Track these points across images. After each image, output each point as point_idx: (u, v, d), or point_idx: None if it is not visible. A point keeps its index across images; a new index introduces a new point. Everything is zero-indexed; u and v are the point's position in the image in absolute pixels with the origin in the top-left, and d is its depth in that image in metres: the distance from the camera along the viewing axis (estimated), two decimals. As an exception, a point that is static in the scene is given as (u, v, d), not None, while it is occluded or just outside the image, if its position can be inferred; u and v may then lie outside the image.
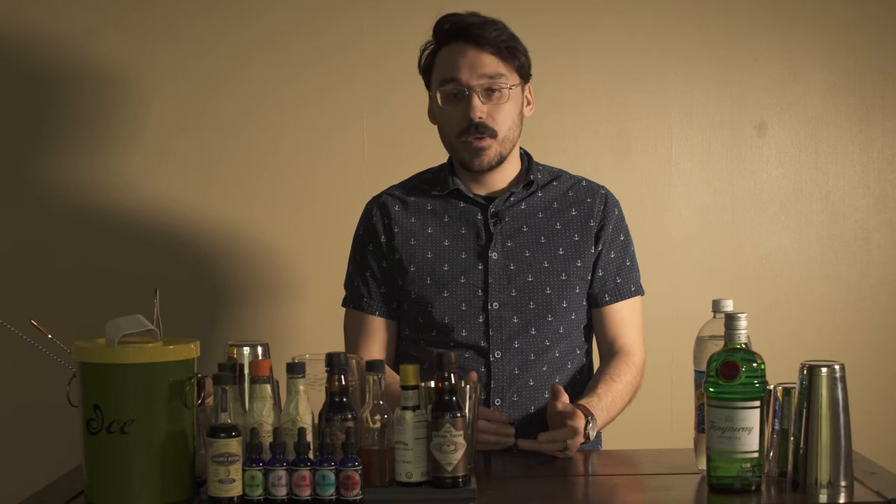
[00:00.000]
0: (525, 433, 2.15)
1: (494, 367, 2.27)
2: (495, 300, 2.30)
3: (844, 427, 1.80)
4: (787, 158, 3.05)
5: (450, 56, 2.29)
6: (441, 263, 2.32)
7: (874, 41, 3.04)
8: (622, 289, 2.38)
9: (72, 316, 2.79)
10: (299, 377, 1.80)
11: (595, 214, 2.37)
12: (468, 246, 2.33)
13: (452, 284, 2.31)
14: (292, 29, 2.97)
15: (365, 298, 2.37)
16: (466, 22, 2.29)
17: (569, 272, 2.33)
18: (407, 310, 2.35)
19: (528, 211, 2.36)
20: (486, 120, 2.27)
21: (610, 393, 2.23)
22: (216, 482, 1.73)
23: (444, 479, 1.76)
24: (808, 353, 2.11)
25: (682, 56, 3.02)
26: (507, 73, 2.29)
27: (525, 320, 2.30)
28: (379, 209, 2.39)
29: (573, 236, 2.35)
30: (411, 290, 2.33)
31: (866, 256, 3.07)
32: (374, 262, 2.37)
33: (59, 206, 2.95)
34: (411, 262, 2.33)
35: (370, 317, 2.37)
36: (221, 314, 2.99)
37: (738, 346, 1.80)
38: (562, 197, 2.39)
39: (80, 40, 2.93)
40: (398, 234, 2.35)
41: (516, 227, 2.34)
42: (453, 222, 2.35)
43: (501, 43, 2.28)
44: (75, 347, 1.77)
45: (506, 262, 2.31)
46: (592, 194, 2.40)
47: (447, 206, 2.37)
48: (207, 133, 2.96)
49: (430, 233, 2.35)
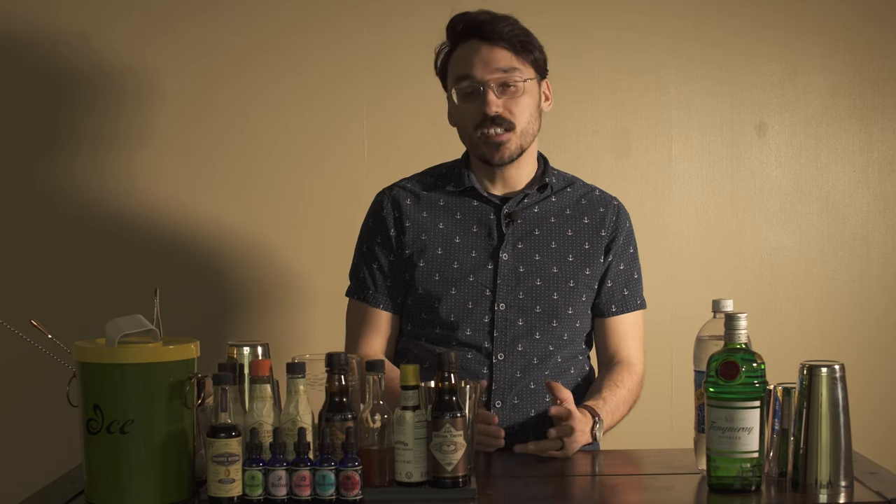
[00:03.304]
0: (524, 436, 2.15)
1: (497, 368, 2.26)
2: (502, 301, 2.29)
3: (844, 427, 1.80)
4: (787, 158, 3.05)
5: (463, 54, 2.29)
6: (451, 260, 2.31)
7: (874, 41, 3.03)
8: (629, 301, 2.37)
9: (72, 316, 2.79)
10: (299, 377, 1.80)
11: (607, 225, 2.36)
12: (479, 244, 2.32)
13: (461, 282, 2.29)
14: (292, 29, 2.96)
15: (370, 290, 2.35)
16: (478, 20, 2.28)
17: (577, 279, 2.32)
18: (412, 305, 2.33)
19: (541, 215, 2.35)
20: (504, 113, 2.26)
21: (614, 397, 2.23)
22: (216, 482, 1.73)
23: (444, 479, 1.76)
24: (808, 353, 2.12)
25: (682, 56, 3.02)
26: (522, 67, 2.28)
27: (530, 324, 2.29)
28: (390, 202, 2.37)
29: (584, 244, 2.34)
30: (419, 286, 2.31)
31: (866, 256, 3.06)
32: (381, 254, 2.35)
33: (59, 207, 2.94)
34: (421, 256, 2.32)
35: (374, 309, 2.35)
36: (221, 314, 2.99)
37: (738, 346, 1.80)
38: (575, 204, 2.38)
39: (80, 41, 2.92)
40: (409, 229, 2.34)
41: (528, 230, 2.33)
42: (466, 220, 2.34)
43: (515, 37, 2.27)
44: (75, 347, 1.77)
45: (515, 264, 2.30)
46: (605, 205, 2.39)
47: (460, 203, 2.35)
48: (208, 133, 2.96)
49: (441, 228, 2.34)
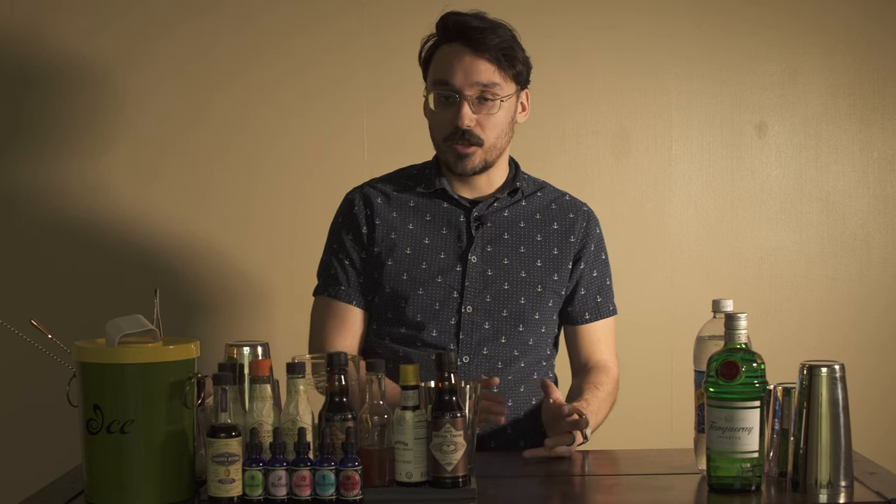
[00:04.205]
0: (487, 441, 2.18)
1: (462, 372, 2.24)
2: (469, 304, 2.28)
3: (844, 427, 1.80)
4: (787, 158, 3.05)
5: (447, 57, 2.26)
6: (419, 261, 2.30)
7: (874, 41, 3.03)
8: (602, 308, 2.37)
9: (72, 316, 2.79)
10: (299, 377, 1.79)
11: (577, 231, 2.35)
12: (448, 246, 2.31)
13: (429, 283, 2.28)
14: (292, 29, 2.96)
15: (343, 287, 2.33)
16: (469, 24, 2.24)
17: (545, 285, 2.31)
18: (378, 304, 2.32)
19: (511, 219, 2.34)
20: (475, 128, 2.24)
21: (596, 399, 2.23)
22: (216, 482, 1.73)
23: (444, 479, 1.76)
24: (808, 353, 2.11)
25: (682, 56, 3.02)
26: (503, 83, 2.25)
27: (496, 328, 2.28)
28: (362, 199, 2.36)
29: (552, 250, 2.33)
30: (386, 285, 2.30)
31: (866, 256, 3.06)
32: (353, 251, 2.33)
33: (60, 206, 2.94)
34: (389, 255, 2.31)
35: (346, 306, 2.33)
36: (221, 314, 2.99)
37: (738, 346, 1.80)
38: (545, 209, 2.37)
39: (77, 40, 2.92)
40: (379, 227, 2.32)
41: (497, 234, 2.32)
42: (435, 221, 2.33)
43: (501, 51, 2.23)
44: (75, 347, 1.77)
45: (484, 268, 2.29)
46: (575, 210, 2.38)
47: (431, 205, 2.34)
48: (208, 133, 2.96)
49: (411, 229, 2.32)
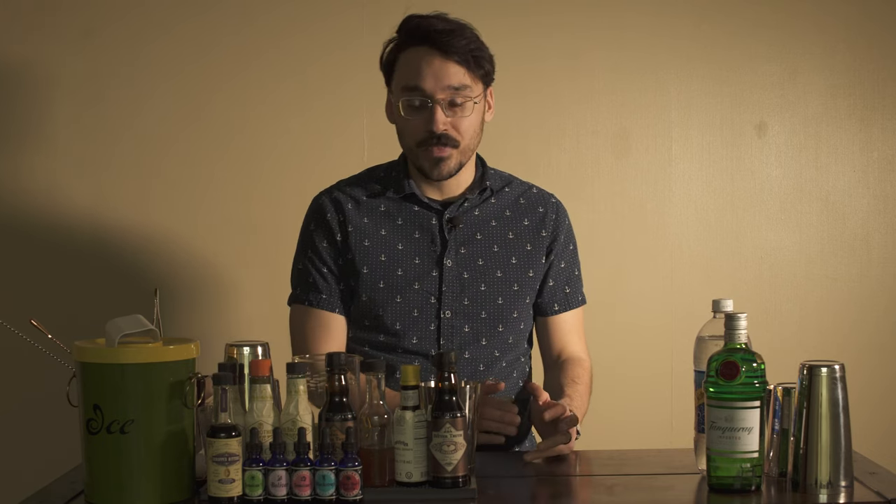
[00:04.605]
0: None
1: None
2: (448, 308, 2.26)
3: (844, 427, 1.80)
4: (787, 158, 3.05)
5: (414, 61, 2.21)
6: (395, 267, 2.27)
7: (874, 41, 3.03)
8: (571, 298, 2.37)
9: (72, 316, 2.79)
10: (299, 377, 1.79)
11: (547, 224, 2.34)
12: (422, 251, 2.28)
13: (406, 290, 2.26)
14: (292, 29, 2.96)
15: (324, 295, 2.29)
16: (434, 27, 2.20)
17: (521, 282, 2.30)
18: (354, 312, 2.30)
19: (482, 218, 2.32)
20: (449, 131, 2.21)
21: (577, 394, 2.22)
22: (216, 482, 1.73)
23: (444, 479, 1.76)
24: (808, 353, 2.11)
25: (682, 56, 3.02)
26: (472, 84, 2.22)
27: (476, 330, 2.27)
28: (332, 204, 2.32)
29: (525, 246, 2.32)
30: (363, 293, 2.27)
31: (866, 256, 3.07)
32: (329, 257, 2.29)
33: (59, 206, 2.95)
34: (364, 263, 2.27)
35: (328, 314, 2.29)
36: (221, 314, 2.99)
37: (738, 346, 1.80)
38: (513, 204, 2.35)
39: (79, 41, 2.93)
40: (352, 233, 2.29)
41: (470, 234, 2.30)
42: (407, 226, 2.30)
43: (469, 52, 2.20)
44: (75, 347, 1.77)
45: (460, 270, 2.27)
46: (544, 203, 2.37)
47: (401, 209, 2.30)
48: (208, 133, 2.96)
49: (383, 235, 2.29)
